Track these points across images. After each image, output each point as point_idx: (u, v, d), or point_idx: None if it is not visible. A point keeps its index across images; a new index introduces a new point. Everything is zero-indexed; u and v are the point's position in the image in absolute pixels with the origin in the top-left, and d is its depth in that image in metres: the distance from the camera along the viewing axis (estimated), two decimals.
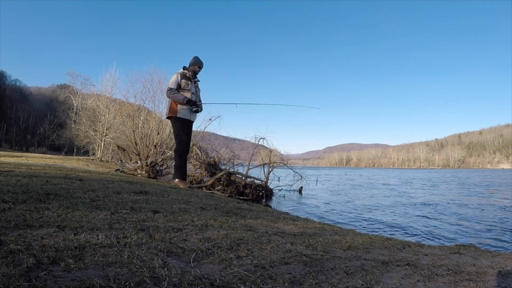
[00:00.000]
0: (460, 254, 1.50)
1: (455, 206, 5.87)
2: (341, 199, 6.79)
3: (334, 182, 13.82)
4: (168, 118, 4.65)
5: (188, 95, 4.45)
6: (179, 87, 4.43)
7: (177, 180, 4.43)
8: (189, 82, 4.49)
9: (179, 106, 4.45)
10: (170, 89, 4.41)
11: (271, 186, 6.88)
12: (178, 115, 4.45)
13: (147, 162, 6.76)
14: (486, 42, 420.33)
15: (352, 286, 0.92)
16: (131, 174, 6.42)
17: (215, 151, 7.40)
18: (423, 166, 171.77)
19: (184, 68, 4.61)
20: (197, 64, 4.63)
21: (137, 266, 0.86)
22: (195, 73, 4.65)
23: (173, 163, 4.92)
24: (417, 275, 1.07)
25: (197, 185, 5.66)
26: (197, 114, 4.86)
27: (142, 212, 1.63)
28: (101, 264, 0.85)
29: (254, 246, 1.24)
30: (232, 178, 6.20)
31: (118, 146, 9.97)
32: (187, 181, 4.89)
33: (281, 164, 7.45)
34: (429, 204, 6.14)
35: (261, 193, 6.40)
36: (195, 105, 4.50)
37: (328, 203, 5.99)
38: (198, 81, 4.75)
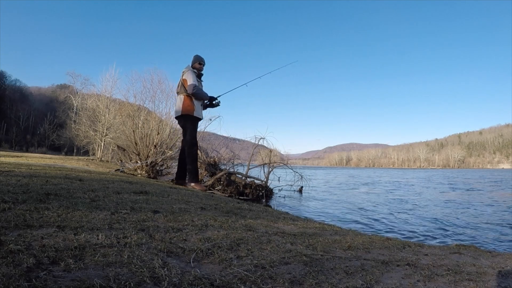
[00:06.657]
0: (460, 254, 1.50)
1: (455, 206, 5.87)
2: (341, 199, 6.79)
3: (334, 182, 13.82)
4: (179, 116, 4.44)
5: None
6: None
7: (193, 184, 4.40)
8: (199, 80, 4.54)
9: (195, 103, 4.34)
10: (194, 86, 4.31)
11: (271, 186, 6.86)
12: (195, 114, 4.34)
13: (147, 162, 6.76)
14: (486, 42, 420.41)
15: (352, 286, 0.92)
16: (131, 174, 6.41)
17: (215, 151, 7.39)
18: (423, 166, 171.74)
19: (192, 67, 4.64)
20: (198, 61, 4.66)
21: (137, 266, 0.86)
22: (200, 70, 4.70)
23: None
24: (417, 275, 1.07)
25: None
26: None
27: (142, 212, 1.63)
28: (101, 264, 0.85)
29: (254, 246, 1.24)
30: (232, 178, 6.19)
31: (118, 146, 9.95)
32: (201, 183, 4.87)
33: (281, 164, 7.44)
34: (429, 204, 6.14)
35: (261, 193, 6.39)
36: (215, 100, 4.50)
37: (328, 203, 5.98)
38: (202, 81, 4.80)
